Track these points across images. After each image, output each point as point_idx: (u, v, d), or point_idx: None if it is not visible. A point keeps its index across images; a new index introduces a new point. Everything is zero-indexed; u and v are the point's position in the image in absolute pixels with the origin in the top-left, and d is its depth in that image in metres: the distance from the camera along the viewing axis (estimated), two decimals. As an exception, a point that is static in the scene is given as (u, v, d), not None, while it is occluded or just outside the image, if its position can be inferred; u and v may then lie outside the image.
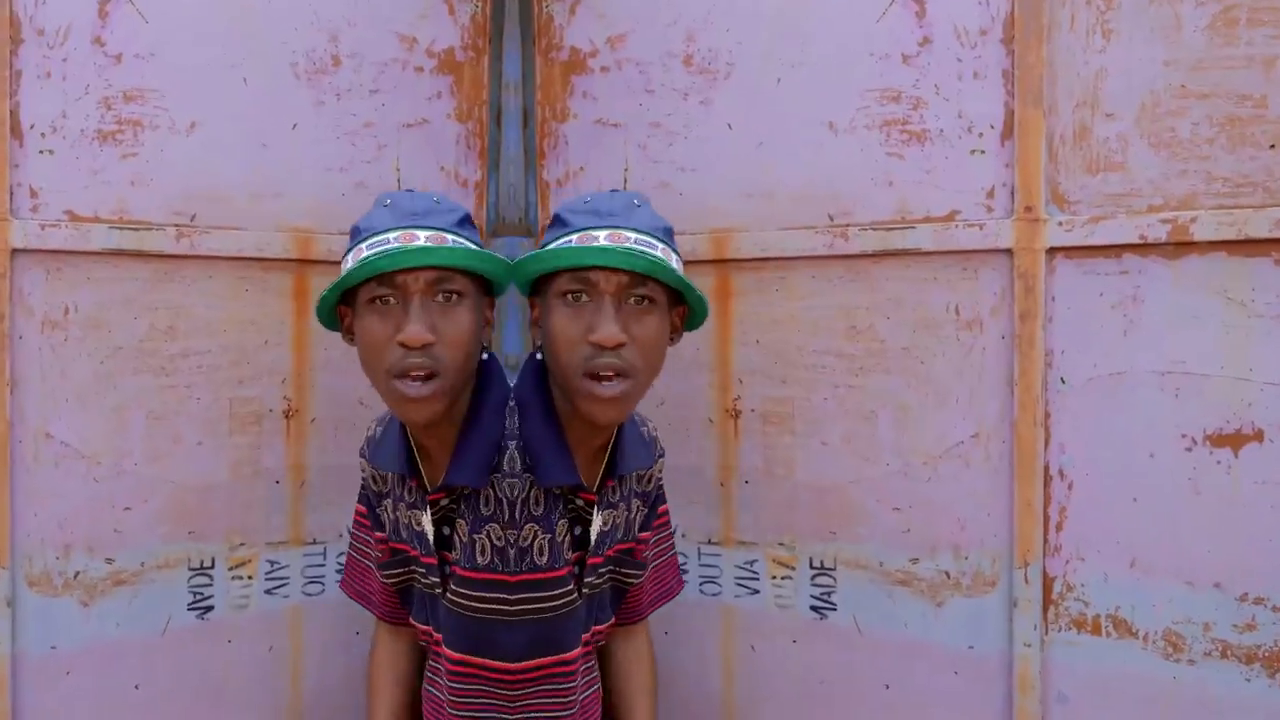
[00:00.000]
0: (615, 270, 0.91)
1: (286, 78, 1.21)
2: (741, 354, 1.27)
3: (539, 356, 1.00)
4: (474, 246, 0.96)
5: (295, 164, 1.24)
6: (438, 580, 1.02)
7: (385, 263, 0.89)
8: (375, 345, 0.92)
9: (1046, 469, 1.15)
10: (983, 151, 1.16)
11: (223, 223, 1.20)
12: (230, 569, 1.23)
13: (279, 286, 1.25)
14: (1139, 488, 1.12)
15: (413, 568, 1.06)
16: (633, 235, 0.93)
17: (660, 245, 0.95)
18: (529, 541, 0.99)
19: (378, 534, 1.10)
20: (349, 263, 0.94)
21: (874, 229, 1.21)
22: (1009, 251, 1.16)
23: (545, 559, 0.99)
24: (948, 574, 1.21)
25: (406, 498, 1.04)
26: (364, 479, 1.11)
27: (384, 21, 1.26)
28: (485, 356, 1.00)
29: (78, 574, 1.14)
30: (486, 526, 1.00)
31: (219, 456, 1.20)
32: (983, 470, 1.18)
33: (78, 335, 1.13)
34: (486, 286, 1.00)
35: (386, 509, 1.08)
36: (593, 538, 1.02)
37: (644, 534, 1.11)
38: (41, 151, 1.10)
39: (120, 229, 1.14)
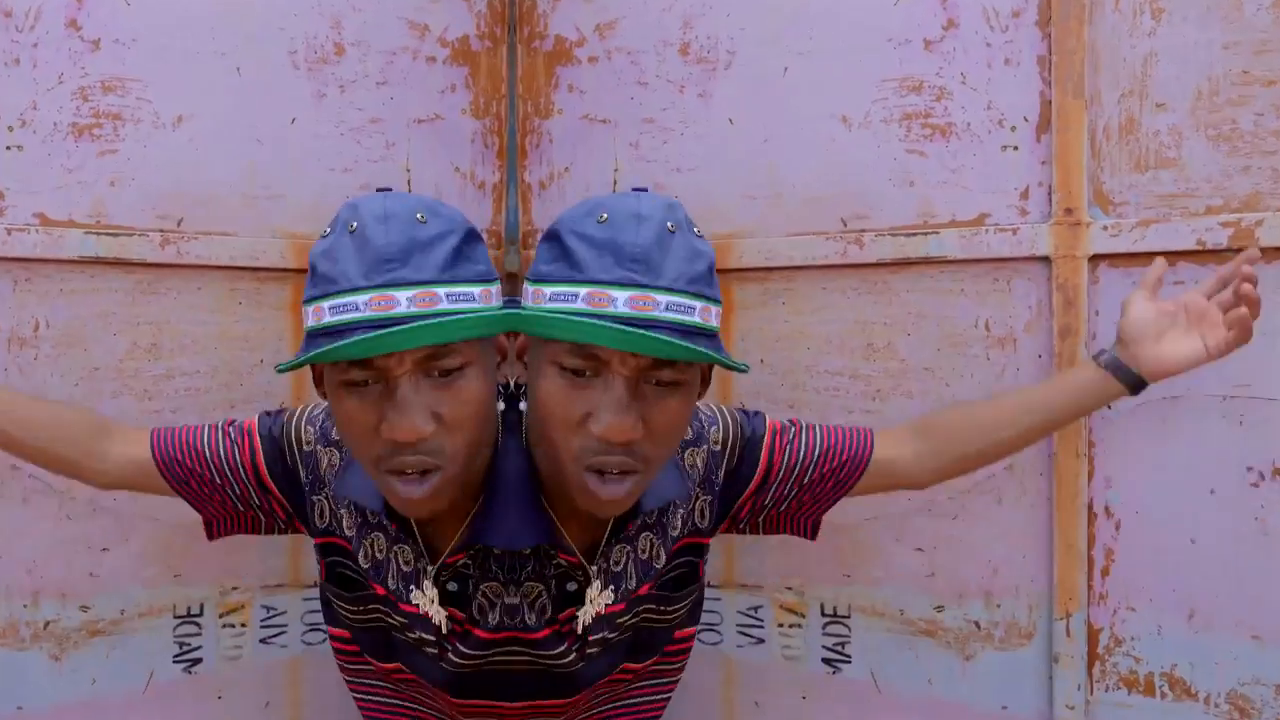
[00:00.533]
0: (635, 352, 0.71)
1: (284, 67, 1.14)
2: (744, 374, 1.15)
3: (522, 406, 0.84)
4: (477, 296, 0.74)
5: (294, 163, 1.16)
6: (432, 639, 0.87)
7: (358, 349, 0.69)
8: (354, 436, 0.75)
9: (1090, 506, 1.06)
10: (1016, 147, 1.07)
11: (212, 227, 1.12)
12: (221, 616, 1.15)
13: (275, 299, 1.16)
14: (1197, 528, 1.03)
15: (375, 606, 0.90)
16: (663, 299, 0.72)
17: (699, 304, 0.74)
18: (511, 599, 0.86)
19: (269, 482, 0.92)
20: (308, 318, 0.75)
21: (893, 235, 1.11)
22: (1046, 259, 1.06)
23: (527, 620, 0.86)
24: (978, 624, 1.10)
25: (386, 531, 0.87)
26: (297, 449, 0.90)
27: (392, 6, 1.18)
28: (501, 405, 0.83)
29: (48, 624, 1.07)
30: (485, 584, 0.86)
31: None
32: (1018, 507, 1.09)
33: (49, 353, 1.06)
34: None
35: (326, 504, 0.90)
36: (590, 605, 0.86)
37: (735, 505, 0.93)
38: (9, 147, 1.03)
39: (98, 234, 1.06)
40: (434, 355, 0.72)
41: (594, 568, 0.86)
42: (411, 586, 0.86)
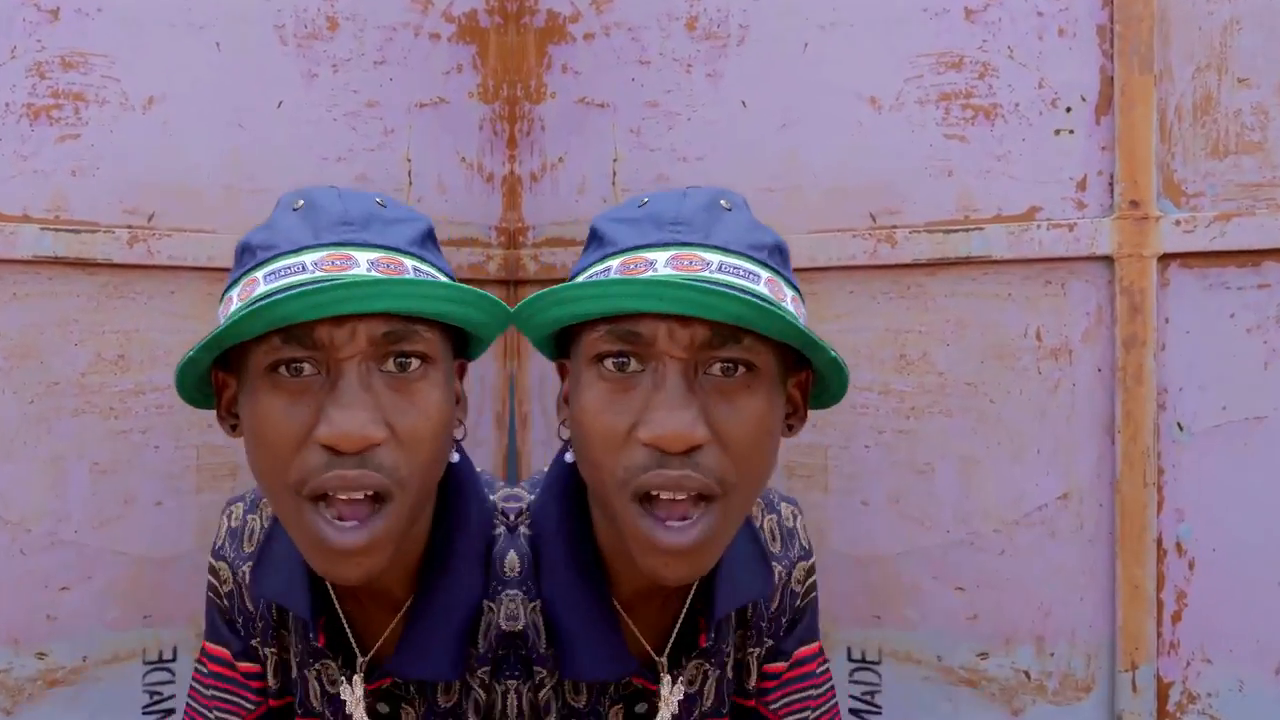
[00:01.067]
0: (683, 319, 0.57)
1: (270, 43, 1.06)
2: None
3: (568, 458, 0.68)
4: (445, 278, 0.63)
5: (280, 151, 1.07)
6: None
7: (299, 306, 0.55)
8: (276, 446, 0.58)
9: (1160, 541, 0.96)
10: (1071, 131, 0.98)
11: (188, 223, 1.04)
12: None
13: None
14: None
15: None
16: (715, 258, 0.59)
17: (765, 274, 0.61)
18: None
19: (250, 669, 0.78)
20: (233, 302, 0.62)
21: (929, 231, 1.01)
22: (1108, 259, 0.96)
23: None
24: (1028, 674, 1.00)
25: (311, 648, 0.72)
26: (218, 595, 0.78)
27: (393, -24, 1.12)
28: (456, 456, 0.68)
29: None
30: None
31: (183, 520, 1.04)
32: (1074, 541, 0.99)
33: (1, 367, 0.98)
34: (457, 345, 0.67)
35: (273, 654, 0.76)
36: (665, 709, 0.70)
37: (767, 679, 0.78)
38: (-46, 132, 0.97)
39: (57, 231, 0.97)
40: (394, 337, 0.58)
41: (662, 660, 0.69)
42: (320, 684, 0.72)
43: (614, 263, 0.61)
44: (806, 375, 0.67)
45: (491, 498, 0.72)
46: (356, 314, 0.57)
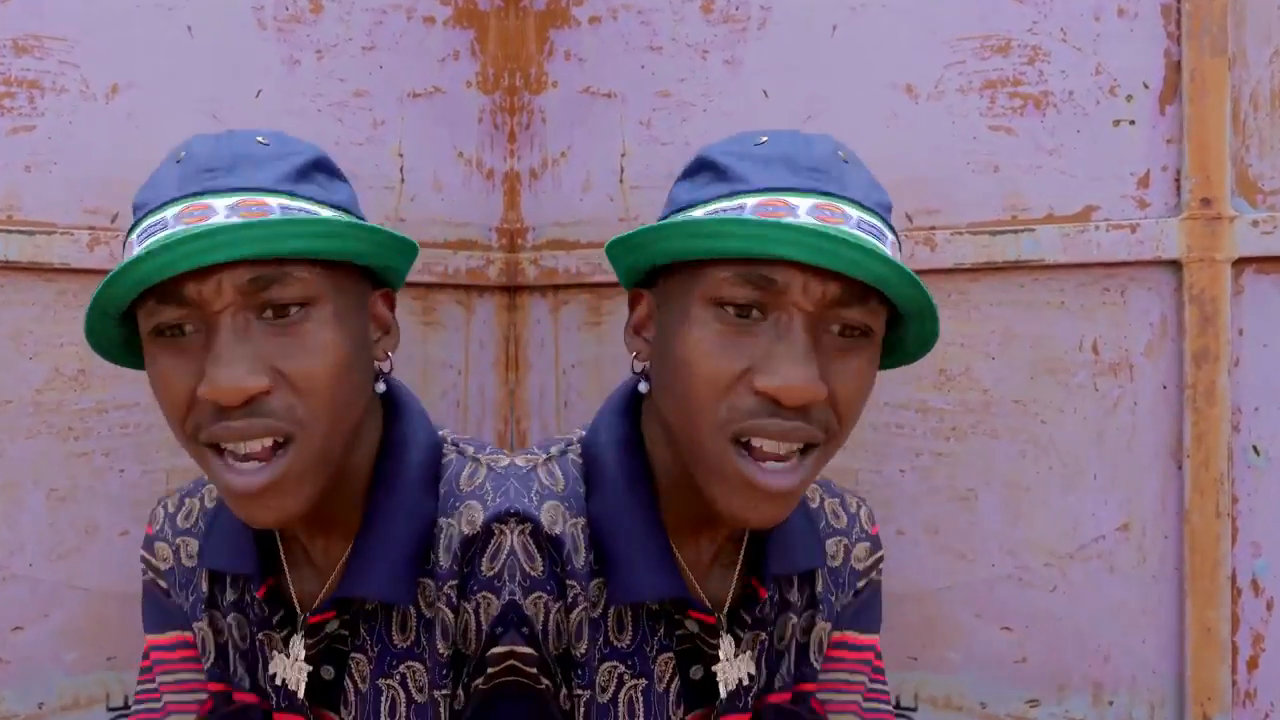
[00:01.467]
0: (821, 274, 0.58)
1: (247, 26, 1.01)
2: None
3: (642, 388, 0.68)
4: (329, 213, 0.63)
5: None
6: None
7: (153, 265, 0.56)
8: (170, 405, 0.61)
9: (1234, 578, 0.89)
10: (1133, 121, 0.91)
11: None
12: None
13: None
14: None
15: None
16: (855, 214, 0.60)
17: (890, 235, 0.63)
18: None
19: (182, 638, 0.77)
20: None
21: (973, 233, 0.94)
22: (1175, 264, 0.89)
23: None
24: None
25: (253, 611, 0.70)
26: (158, 576, 0.79)
27: (383, -47, 1.07)
28: (382, 387, 0.69)
29: None
30: (404, 667, 0.65)
31: None
32: (1135, 577, 0.92)
33: None
34: (370, 276, 0.67)
35: (206, 629, 0.74)
36: (724, 684, 0.67)
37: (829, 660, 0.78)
38: (-107, 123, 0.91)
39: (8, 233, 0.93)
40: (262, 283, 0.58)
41: (722, 616, 0.68)
42: (262, 658, 0.69)
43: (749, 201, 0.60)
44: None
45: (442, 432, 0.72)
46: (218, 264, 0.57)
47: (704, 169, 0.64)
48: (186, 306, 0.58)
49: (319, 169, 0.65)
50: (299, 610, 0.69)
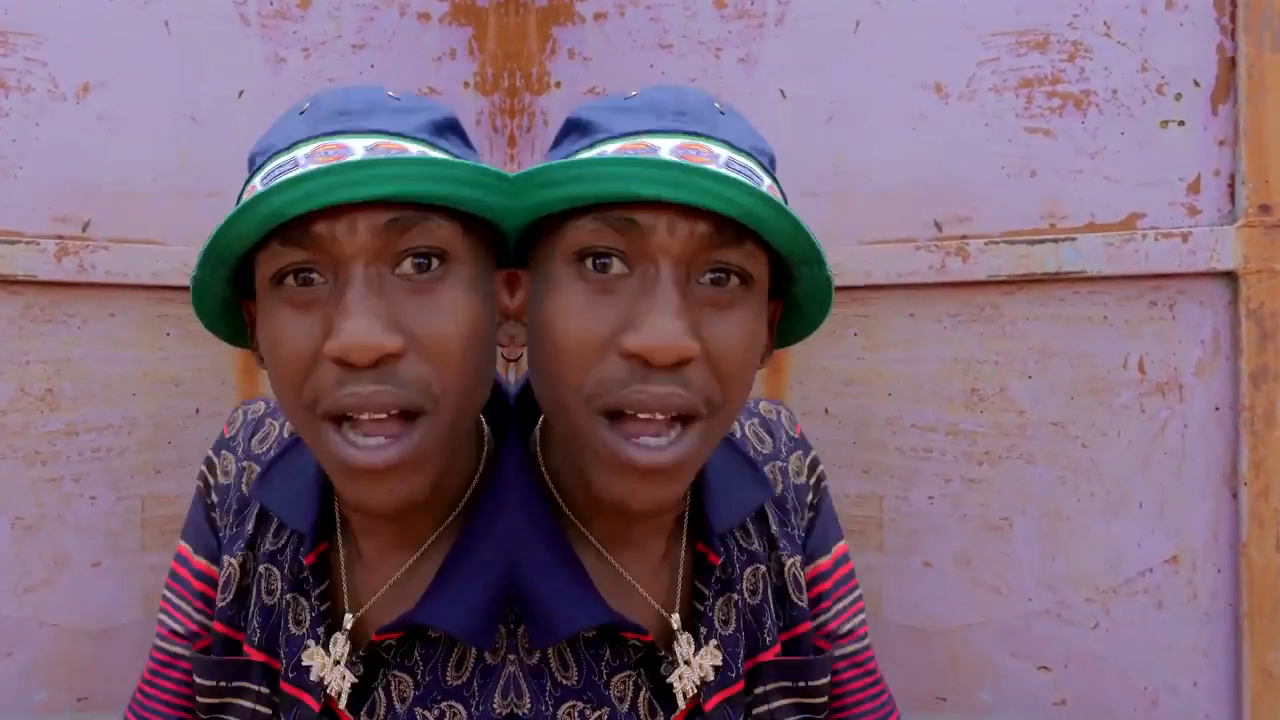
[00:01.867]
0: (688, 212, 0.53)
1: (229, 22, 0.97)
2: (802, 429, 0.94)
3: (529, 377, 0.65)
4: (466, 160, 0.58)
5: (241, 148, 1.01)
6: None
7: (285, 198, 0.51)
8: (287, 365, 0.54)
9: None
10: (1182, 123, 0.86)
11: (131, 233, 0.95)
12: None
13: None
14: None
15: (241, 685, 0.68)
16: (723, 153, 0.55)
17: (767, 180, 0.58)
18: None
19: (206, 569, 0.71)
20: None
21: (1009, 242, 0.89)
22: (1231, 275, 0.84)
23: None
24: None
25: (290, 567, 0.66)
26: (209, 488, 0.73)
27: (376, -55, 1.04)
28: (516, 388, 0.65)
29: None
30: (446, 705, 0.61)
31: (125, 584, 0.95)
32: (1186, 614, 0.87)
33: None
34: (498, 247, 0.61)
35: (235, 567, 0.69)
36: (681, 694, 0.62)
37: (807, 570, 0.72)
38: None
39: None
40: (401, 226, 0.53)
41: (674, 616, 0.63)
42: (306, 644, 0.64)
43: (609, 147, 0.55)
44: (777, 306, 0.63)
45: None
46: (353, 203, 0.52)
47: (570, 130, 0.60)
48: (314, 250, 0.53)
49: (454, 130, 0.60)
50: (345, 603, 0.64)
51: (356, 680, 0.62)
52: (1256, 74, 0.81)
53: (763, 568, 0.67)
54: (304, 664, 0.63)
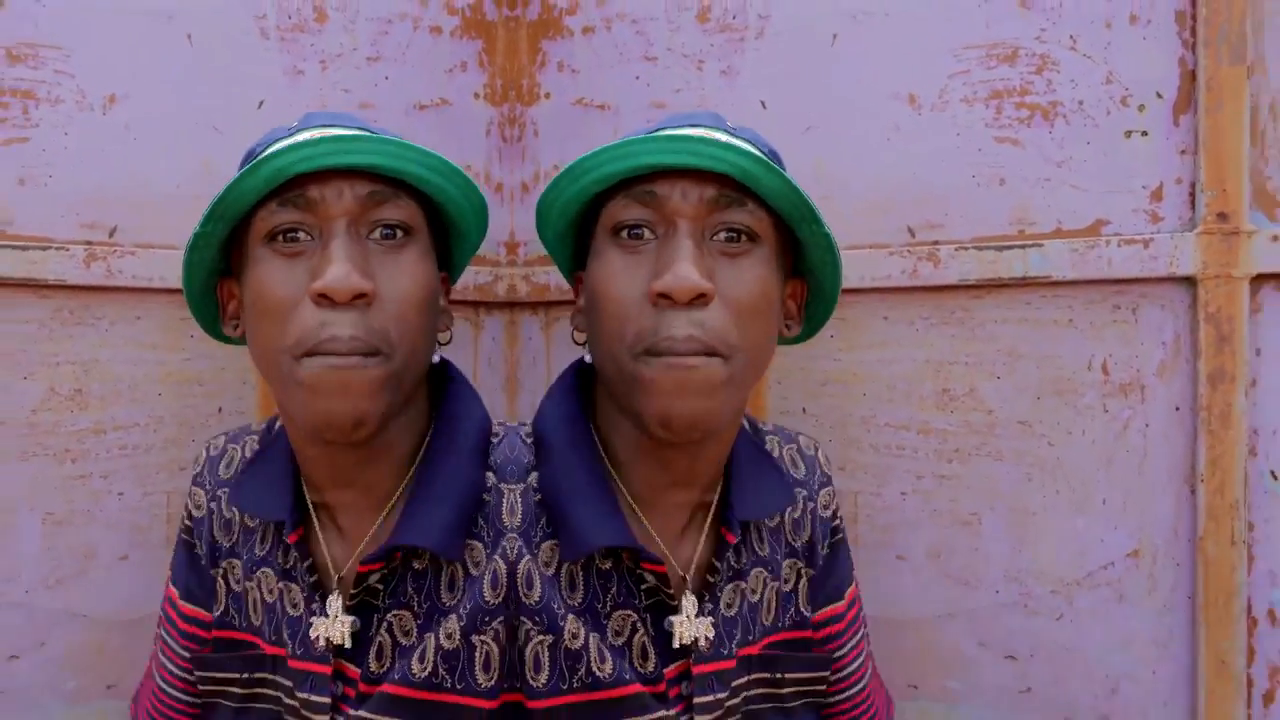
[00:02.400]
0: (698, 178, 0.64)
1: (249, 34, 0.98)
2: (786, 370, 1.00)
3: (587, 358, 0.73)
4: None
5: None
6: (325, 702, 0.69)
7: (289, 159, 0.63)
8: (274, 308, 0.64)
9: (1249, 608, 0.86)
10: (1145, 133, 0.87)
11: (155, 239, 0.95)
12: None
13: None
14: None
15: (262, 675, 0.74)
16: (725, 137, 0.67)
17: (762, 154, 0.69)
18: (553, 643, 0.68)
19: (191, 613, 0.77)
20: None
21: (978, 248, 0.91)
22: (1190, 280, 0.86)
23: (604, 668, 0.68)
24: None
25: (277, 561, 0.73)
26: (193, 523, 0.79)
27: (389, -39, 1.03)
28: (436, 360, 0.72)
29: None
30: (444, 621, 0.68)
31: (152, 576, 0.94)
32: (1145, 606, 0.89)
33: None
34: (441, 239, 0.73)
35: (229, 574, 0.76)
36: (679, 637, 0.69)
37: (821, 612, 0.78)
38: (-117, 133, 0.89)
39: (2, 248, 0.91)
40: (378, 198, 0.65)
41: (689, 576, 0.71)
42: (304, 624, 0.71)
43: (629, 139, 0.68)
44: (801, 286, 0.73)
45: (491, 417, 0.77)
46: (342, 169, 0.63)
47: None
48: (306, 211, 0.64)
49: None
50: (332, 570, 0.71)
51: (356, 627, 0.68)
52: (1215, 86, 0.82)
53: (765, 572, 0.73)
54: (310, 637, 0.69)
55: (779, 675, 0.74)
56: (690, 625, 0.68)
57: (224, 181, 1.01)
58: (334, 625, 0.68)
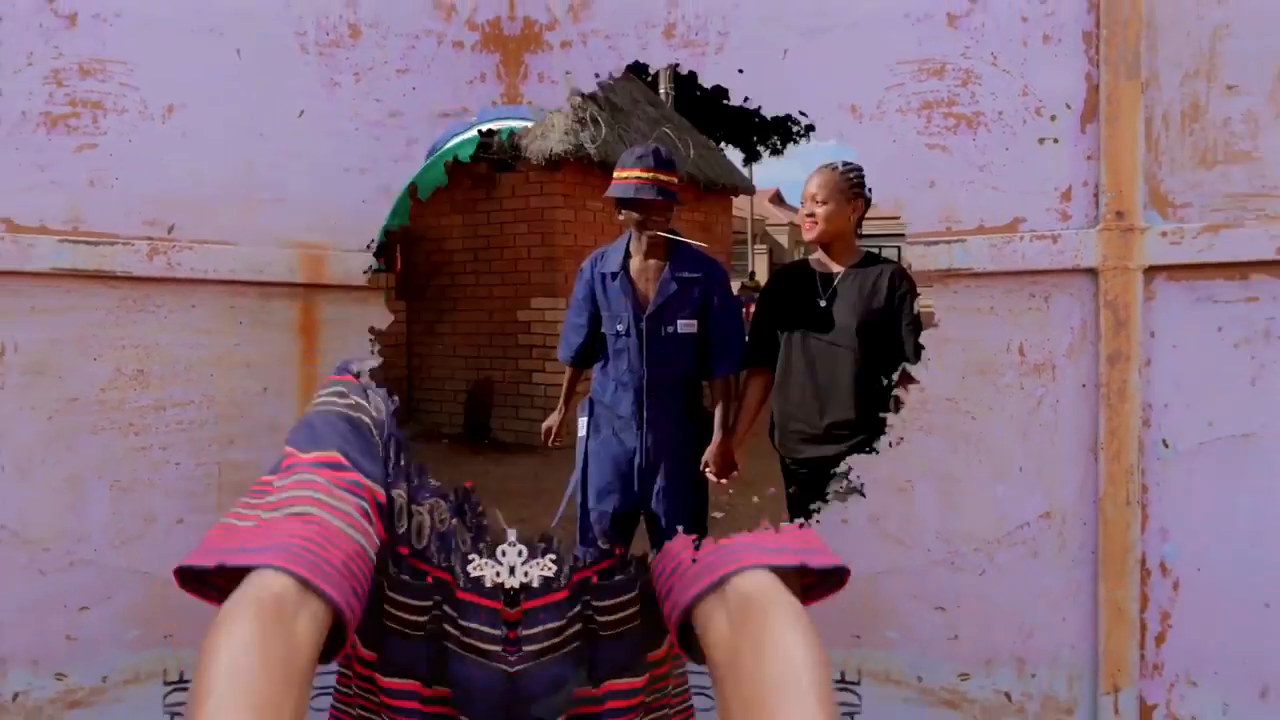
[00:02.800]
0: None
1: (290, 50, 1.03)
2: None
3: None
4: None
5: (301, 161, 1.04)
6: (497, 633, 0.71)
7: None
8: None
9: (1143, 561, 0.94)
10: (1056, 140, 0.94)
11: (209, 235, 1.00)
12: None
13: (281, 318, 1.04)
14: (1272, 588, 0.90)
15: (437, 598, 0.72)
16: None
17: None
18: None
19: (359, 490, 0.66)
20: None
21: (910, 243, 0.98)
22: (1093, 271, 0.93)
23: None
24: (1009, 695, 0.98)
25: (455, 498, 0.74)
26: (361, 415, 0.71)
27: (416, -17, 1.07)
28: None
29: (17, 695, 0.97)
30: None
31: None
32: (1056, 561, 0.96)
33: (19, 382, 0.96)
34: None
35: (404, 497, 0.72)
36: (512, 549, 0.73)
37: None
38: (-32, 141, 0.93)
39: (75, 243, 0.96)
40: None
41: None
42: (472, 557, 0.73)
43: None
44: None
45: None
46: None
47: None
48: None
49: None
50: (503, 524, 0.73)
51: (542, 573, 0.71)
52: (1114, 99, 0.90)
53: None
54: (473, 575, 0.72)
55: (604, 602, 0.73)
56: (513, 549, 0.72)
57: (267, 184, 1.01)
58: (514, 575, 0.72)
